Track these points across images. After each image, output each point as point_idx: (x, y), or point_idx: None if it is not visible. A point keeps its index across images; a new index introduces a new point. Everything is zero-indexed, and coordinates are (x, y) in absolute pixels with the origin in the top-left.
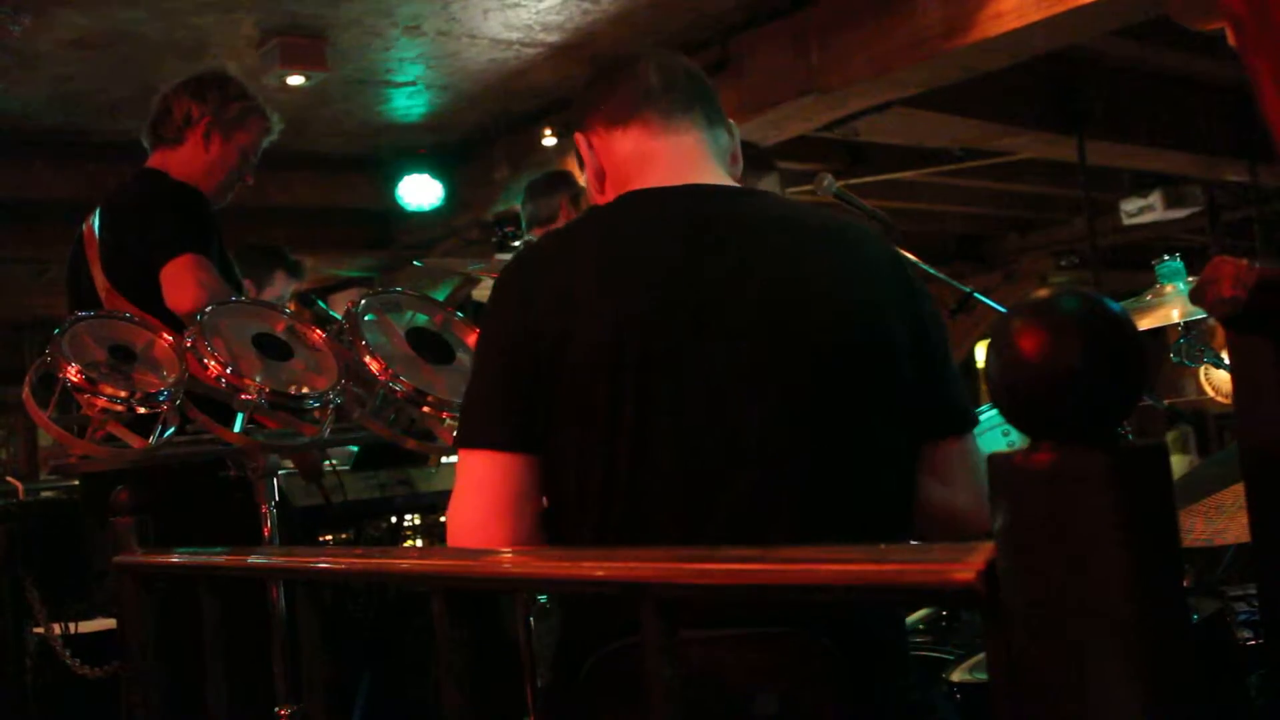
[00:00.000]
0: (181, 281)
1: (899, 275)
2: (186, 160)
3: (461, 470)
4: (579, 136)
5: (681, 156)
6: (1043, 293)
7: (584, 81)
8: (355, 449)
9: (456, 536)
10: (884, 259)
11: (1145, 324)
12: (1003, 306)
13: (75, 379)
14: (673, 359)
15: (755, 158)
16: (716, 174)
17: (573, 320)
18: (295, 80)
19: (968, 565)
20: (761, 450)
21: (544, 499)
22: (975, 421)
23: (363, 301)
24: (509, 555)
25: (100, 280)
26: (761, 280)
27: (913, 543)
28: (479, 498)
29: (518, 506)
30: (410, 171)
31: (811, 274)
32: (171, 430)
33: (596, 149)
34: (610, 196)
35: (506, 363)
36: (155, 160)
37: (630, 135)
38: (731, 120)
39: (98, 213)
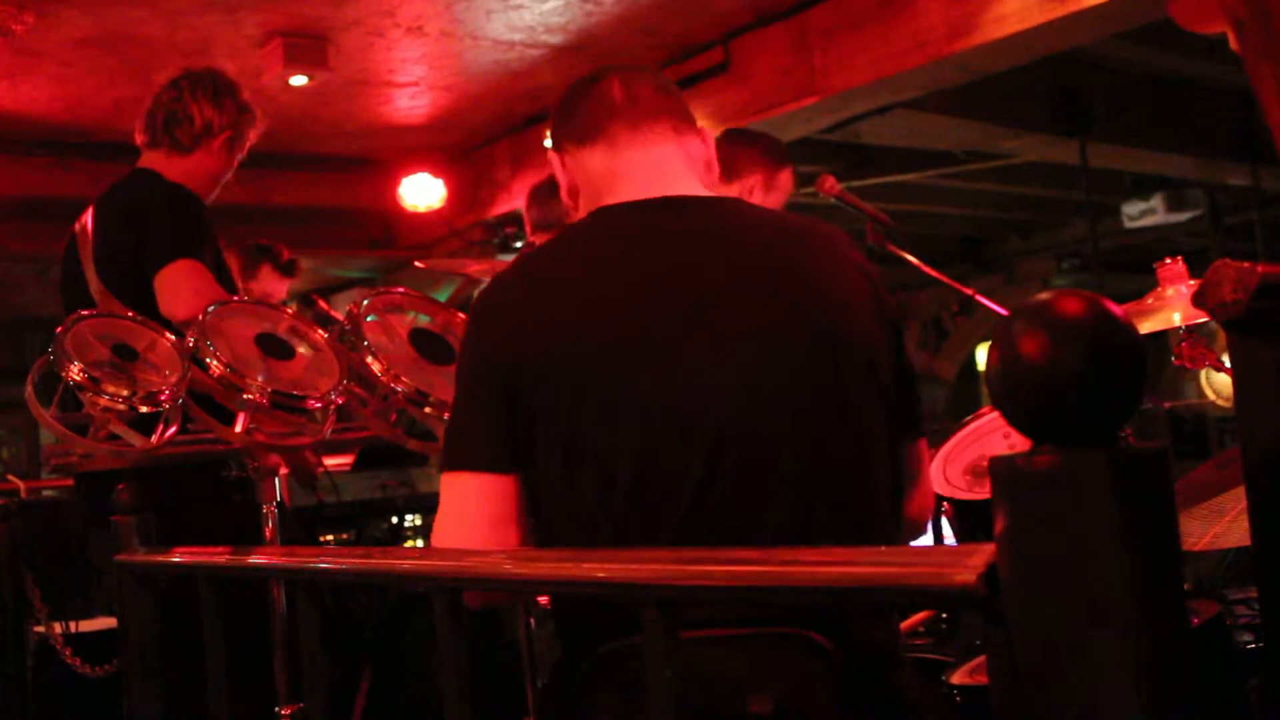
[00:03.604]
0: (176, 288)
1: (869, 279)
2: (191, 167)
3: (446, 494)
4: (552, 155)
5: (651, 169)
6: (1044, 296)
7: (556, 100)
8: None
9: None
10: (856, 264)
11: (1146, 327)
12: (1004, 309)
13: (78, 378)
14: (653, 371)
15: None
16: (688, 184)
17: (548, 341)
18: (298, 80)
19: (968, 567)
20: (742, 457)
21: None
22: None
23: (365, 302)
24: (509, 556)
25: (94, 283)
26: (740, 287)
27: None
28: (464, 524)
29: (502, 528)
30: (412, 172)
31: (791, 278)
32: (174, 429)
33: (568, 167)
34: (584, 213)
35: (486, 387)
36: (154, 161)
37: (598, 151)
38: (704, 126)
39: (91, 212)
